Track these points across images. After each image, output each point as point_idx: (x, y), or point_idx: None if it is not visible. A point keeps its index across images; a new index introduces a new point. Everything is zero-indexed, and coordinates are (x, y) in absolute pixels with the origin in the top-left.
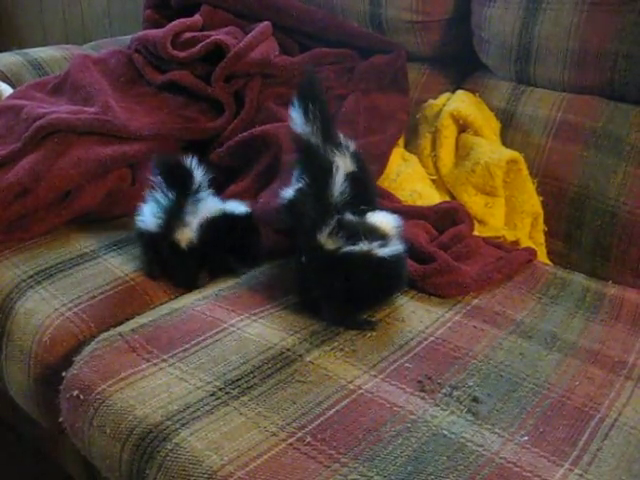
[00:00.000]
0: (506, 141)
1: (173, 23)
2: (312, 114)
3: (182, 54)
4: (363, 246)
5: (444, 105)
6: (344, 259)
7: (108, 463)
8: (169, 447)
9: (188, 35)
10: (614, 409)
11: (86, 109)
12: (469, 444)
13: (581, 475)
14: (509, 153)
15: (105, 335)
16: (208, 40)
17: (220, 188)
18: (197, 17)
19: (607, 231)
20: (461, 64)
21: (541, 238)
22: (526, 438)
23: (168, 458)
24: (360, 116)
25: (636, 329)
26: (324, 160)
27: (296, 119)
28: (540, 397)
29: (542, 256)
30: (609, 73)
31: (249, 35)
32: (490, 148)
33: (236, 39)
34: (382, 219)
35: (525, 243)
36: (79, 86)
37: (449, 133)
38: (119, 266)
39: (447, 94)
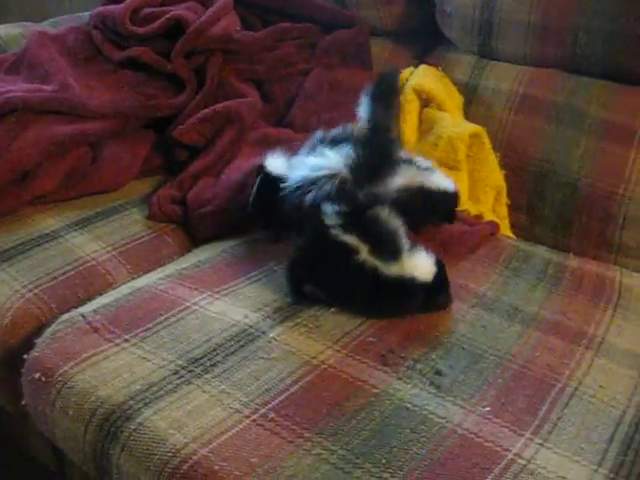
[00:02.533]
0: (469, 115)
1: None
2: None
3: (141, 30)
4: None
5: (407, 80)
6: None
7: (72, 445)
8: (132, 427)
9: (147, 11)
10: (574, 379)
11: (44, 87)
12: (432, 416)
13: (541, 444)
14: (472, 127)
15: (66, 316)
16: (168, 15)
17: (183, 165)
18: None
19: (569, 204)
20: (424, 38)
21: (504, 212)
22: (488, 409)
23: (132, 438)
24: (323, 91)
25: (596, 300)
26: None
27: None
28: (502, 368)
29: (505, 229)
30: (570, 47)
31: (209, 10)
32: (453, 122)
33: (196, 14)
34: (422, 258)
35: (488, 217)
36: (36, 64)
37: (412, 108)
38: (80, 246)
39: (410, 69)
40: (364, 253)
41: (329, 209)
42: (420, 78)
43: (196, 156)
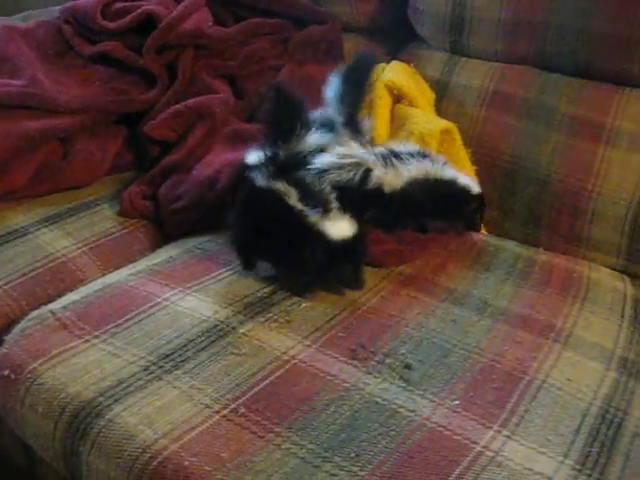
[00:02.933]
0: (441, 111)
1: None
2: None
3: (112, 25)
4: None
5: (379, 76)
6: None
7: (42, 442)
8: (102, 423)
9: (118, 5)
10: (542, 372)
11: (13, 82)
12: (401, 410)
13: (509, 436)
14: (443, 123)
15: (36, 313)
16: (139, 10)
17: (154, 161)
18: None
19: (539, 199)
20: (396, 35)
21: None
22: (457, 402)
23: (101, 434)
24: (295, 87)
25: (564, 294)
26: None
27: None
28: (470, 362)
29: None
30: (541, 44)
31: (181, 5)
32: (424, 118)
33: (168, 9)
34: (344, 221)
35: None
36: (5, 58)
37: (384, 104)
38: (50, 242)
39: (382, 65)
40: (293, 199)
41: (256, 175)
42: (392, 74)
43: (167, 152)
